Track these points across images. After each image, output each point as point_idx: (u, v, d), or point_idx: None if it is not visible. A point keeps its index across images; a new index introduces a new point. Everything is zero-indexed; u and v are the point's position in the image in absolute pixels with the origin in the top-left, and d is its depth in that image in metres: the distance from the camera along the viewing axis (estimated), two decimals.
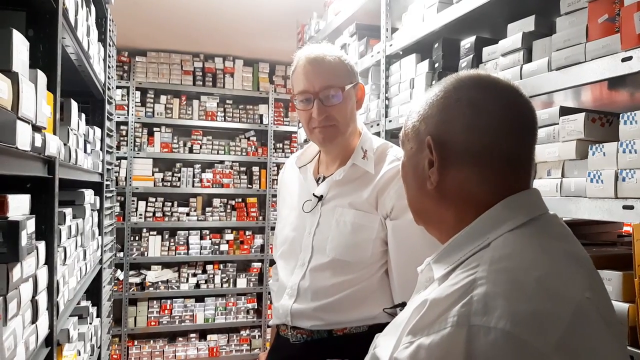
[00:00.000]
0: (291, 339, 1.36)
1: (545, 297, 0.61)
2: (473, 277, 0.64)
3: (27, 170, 1.16)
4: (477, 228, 0.72)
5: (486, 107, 0.73)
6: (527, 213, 0.71)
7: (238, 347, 4.88)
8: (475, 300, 0.60)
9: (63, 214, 1.59)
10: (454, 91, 0.76)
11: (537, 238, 0.69)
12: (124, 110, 4.69)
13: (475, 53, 1.73)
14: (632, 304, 1.08)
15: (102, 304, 2.71)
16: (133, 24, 4.03)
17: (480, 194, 0.73)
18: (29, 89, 1.05)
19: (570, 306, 0.61)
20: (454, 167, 0.74)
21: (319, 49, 1.37)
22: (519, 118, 0.74)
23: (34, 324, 1.21)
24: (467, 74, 0.79)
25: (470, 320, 0.59)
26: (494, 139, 0.72)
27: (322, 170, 1.46)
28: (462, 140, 0.73)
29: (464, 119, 0.73)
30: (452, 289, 0.64)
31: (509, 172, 0.73)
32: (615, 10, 1.15)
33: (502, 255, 0.66)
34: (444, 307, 0.62)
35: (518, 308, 0.59)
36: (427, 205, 0.79)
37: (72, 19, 1.57)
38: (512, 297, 0.60)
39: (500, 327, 0.57)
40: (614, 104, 1.58)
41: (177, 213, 4.85)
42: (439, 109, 0.76)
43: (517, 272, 0.63)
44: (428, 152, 0.75)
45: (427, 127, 0.76)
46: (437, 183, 0.75)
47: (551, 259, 0.67)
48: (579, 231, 1.56)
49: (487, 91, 0.75)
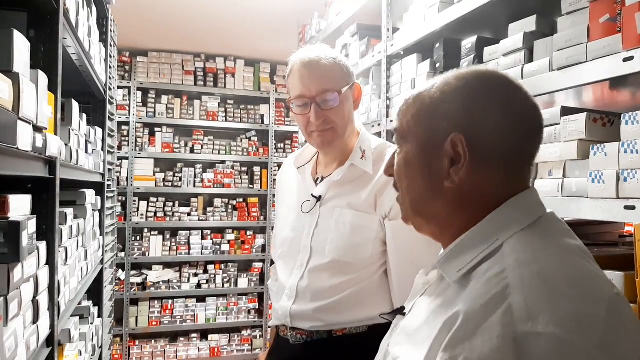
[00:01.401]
0: (291, 340, 1.35)
1: (581, 298, 0.61)
2: (505, 284, 0.63)
3: (28, 171, 1.16)
4: (487, 228, 0.71)
5: (516, 109, 0.73)
6: (534, 212, 0.72)
7: (239, 347, 4.88)
8: (515, 308, 0.59)
9: (64, 214, 1.59)
10: (483, 87, 0.74)
11: (550, 237, 0.69)
12: (125, 110, 4.69)
13: (476, 53, 1.73)
14: (634, 305, 1.07)
15: (103, 304, 2.71)
16: (134, 24, 4.03)
17: (500, 194, 0.73)
18: (30, 90, 1.05)
19: (605, 304, 0.61)
20: (480, 167, 0.72)
21: (314, 51, 1.35)
22: (538, 120, 0.75)
23: (35, 324, 1.21)
24: (487, 71, 0.78)
25: (516, 328, 0.58)
26: (523, 141, 0.73)
27: (321, 171, 1.45)
28: (493, 140, 0.72)
29: (496, 120, 0.72)
30: (485, 298, 0.62)
31: (526, 172, 0.75)
32: (616, 10, 1.15)
33: (527, 259, 0.65)
34: (481, 317, 0.61)
35: (560, 311, 0.59)
36: (438, 206, 0.76)
37: (73, 19, 1.57)
38: (552, 300, 0.60)
39: (550, 331, 0.57)
40: (615, 104, 1.58)
41: (179, 213, 4.85)
42: (467, 105, 0.73)
43: (549, 275, 0.63)
44: (450, 150, 0.72)
45: (453, 123, 0.73)
46: (460, 182, 0.72)
47: (572, 257, 0.67)
48: (581, 231, 1.55)
49: (517, 92, 0.75)
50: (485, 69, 0.79)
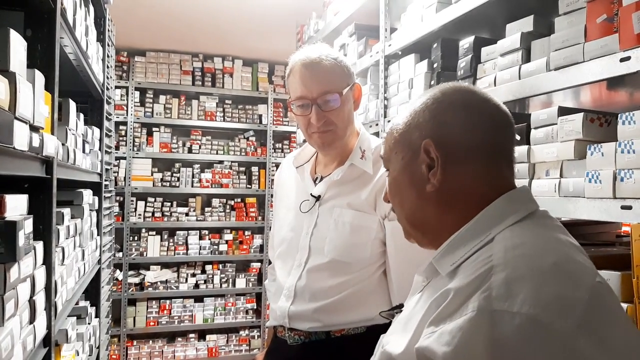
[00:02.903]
0: (289, 341, 1.35)
1: (563, 280, 0.62)
2: (490, 265, 0.65)
3: (24, 170, 1.16)
4: (481, 223, 0.74)
5: (478, 107, 0.79)
6: (527, 207, 0.75)
7: (237, 347, 4.87)
8: (495, 286, 0.61)
9: (61, 214, 1.59)
10: (444, 96, 0.80)
11: (541, 229, 0.72)
12: (123, 110, 4.69)
13: (474, 53, 1.73)
14: (630, 304, 1.07)
15: (100, 304, 2.70)
16: (132, 24, 4.02)
17: (482, 189, 0.76)
18: (27, 89, 1.05)
19: (587, 288, 0.62)
20: (455, 165, 0.76)
21: (315, 52, 1.34)
22: (503, 116, 0.80)
23: (31, 324, 1.21)
24: (448, 84, 0.84)
25: (492, 305, 0.60)
26: (490, 135, 0.77)
27: (320, 170, 1.45)
28: (461, 138, 0.77)
29: (460, 119, 0.78)
30: (471, 278, 0.65)
31: (504, 166, 0.79)
32: (613, 11, 1.15)
33: (515, 244, 0.68)
34: (466, 295, 0.63)
35: (540, 292, 0.60)
36: (428, 212, 0.80)
37: (70, 18, 1.56)
38: (533, 281, 0.61)
39: (525, 311, 0.58)
40: (612, 104, 1.58)
41: (176, 213, 4.84)
42: (433, 114, 0.79)
43: (534, 258, 0.65)
44: (425, 157, 0.77)
45: (422, 132, 0.79)
46: (440, 183, 0.76)
47: (560, 246, 0.69)
48: (577, 231, 1.56)
49: (474, 93, 0.81)
50: (445, 83, 0.86)
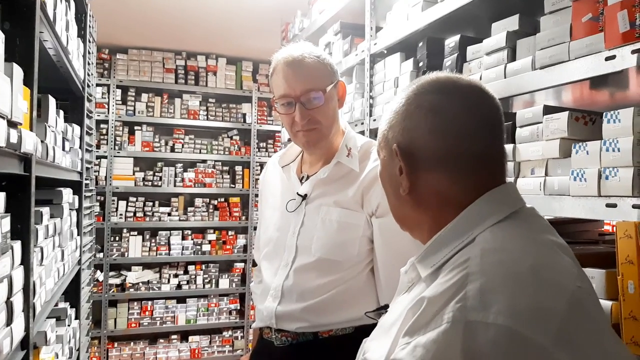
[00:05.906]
0: (275, 342, 1.33)
1: (541, 289, 0.61)
2: (466, 272, 0.63)
3: (2, 168, 1.13)
4: (461, 224, 0.72)
5: (447, 111, 0.74)
6: (509, 206, 0.73)
7: (220, 349, 4.83)
8: (470, 296, 0.59)
9: (40, 213, 1.55)
10: (415, 98, 0.77)
11: (522, 229, 0.70)
12: (104, 108, 4.61)
13: (459, 52, 1.73)
14: (615, 302, 1.08)
15: (80, 305, 2.66)
16: (114, 20, 3.96)
17: (456, 194, 0.74)
18: (4, 83, 1.02)
19: (565, 296, 0.61)
20: (423, 172, 0.75)
21: (298, 50, 1.33)
22: (484, 117, 0.76)
23: (8, 327, 1.17)
24: (427, 79, 0.80)
25: (467, 316, 0.58)
26: (459, 141, 0.73)
27: (306, 169, 1.44)
28: (427, 145, 0.74)
29: (426, 125, 0.75)
30: (446, 286, 0.63)
31: (481, 169, 0.74)
32: (599, 10, 1.16)
33: (493, 248, 0.66)
34: (440, 304, 0.61)
35: (516, 302, 0.58)
36: (405, 211, 0.81)
37: (50, 12, 1.53)
38: (509, 291, 0.59)
39: (500, 322, 0.56)
40: (596, 103, 1.60)
41: (159, 213, 4.78)
42: (402, 116, 0.78)
43: (511, 265, 0.63)
44: (398, 160, 0.77)
45: (394, 135, 0.78)
46: (408, 189, 0.76)
47: (541, 248, 0.67)
48: (562, 230, 1.57)
49: (448, 95, 0.76)
50: (428, 76, 0.81)
